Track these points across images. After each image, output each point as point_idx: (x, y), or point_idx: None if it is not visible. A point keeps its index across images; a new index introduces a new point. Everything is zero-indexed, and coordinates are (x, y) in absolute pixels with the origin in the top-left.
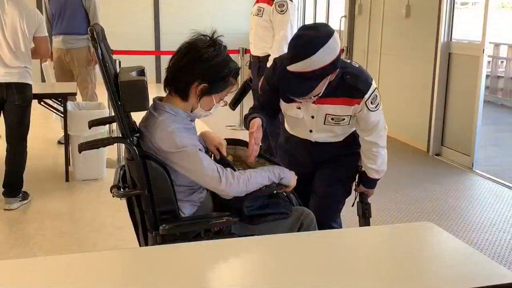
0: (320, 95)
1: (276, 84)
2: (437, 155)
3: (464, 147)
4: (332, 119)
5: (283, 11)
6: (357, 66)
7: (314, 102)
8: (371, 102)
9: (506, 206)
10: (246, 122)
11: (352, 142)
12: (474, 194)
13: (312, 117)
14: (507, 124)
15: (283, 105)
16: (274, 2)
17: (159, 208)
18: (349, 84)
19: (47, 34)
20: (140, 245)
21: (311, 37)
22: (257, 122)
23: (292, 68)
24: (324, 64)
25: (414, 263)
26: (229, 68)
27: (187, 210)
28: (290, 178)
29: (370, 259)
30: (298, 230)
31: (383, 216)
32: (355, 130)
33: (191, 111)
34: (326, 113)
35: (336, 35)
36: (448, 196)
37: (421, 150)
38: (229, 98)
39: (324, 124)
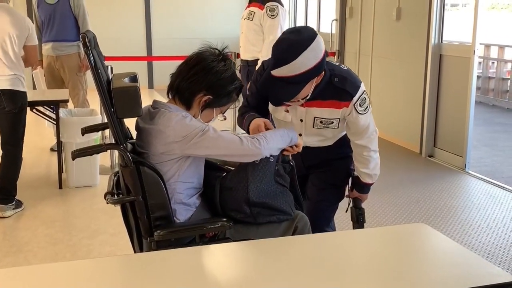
0: (307, 97)
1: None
2: (429, 156)
3: (456, 148)
4: (321, 122)
5: (273, 15)
6: (345, 68)
7: (302, 105)
8: (360, 105)
9: (499, 206)
10: (243, 120)
11: (344, 146)
12: (467, 195)
13: (301, 120)
14: (499, 124)
15: (271, 108)
16: (265, 6)
17: (153, 214)
18: (337, 86)
19: (37, 43)
20: (135, 252)
21: (293, 41)
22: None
23: (275, 72)
24: (308, 68)
25: (408, 264)
26: (235, 85)
27: (182, 215)
28: (297, 136)
29: (364, 261)
30: (293, 234)
31: (377, 218)
32: (347, 134)
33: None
34: (314, 116)
35: (319, 38)
36: (441, 197)
37: (413, 152)
38: None
39: (313, 127)
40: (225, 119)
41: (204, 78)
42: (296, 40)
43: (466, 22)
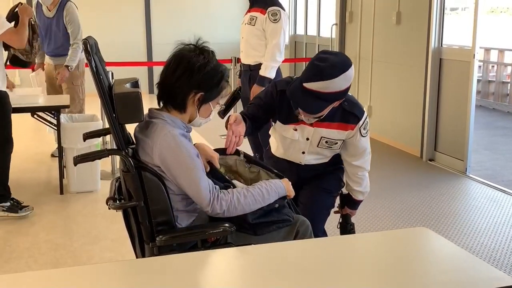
0: (321, 117)
1: (277, 103)
2: (430, 160)
3: (457, 151)
4: (326, 142)
5: (276, 19)
6: (351, 95)
7: (311, 125)
8: (364, 128)
9: (500, 209)
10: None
11: (336, 162)
12: (468, 199)
13: (307, 139)
14: (499, 128)
15: (279, 126)
16: (267, 11)
17: (155, 219)
18: (346, 110)
19: (7, 27)
20: (136, 257)
21: (335, 62)
22: (235, 115)
23: (309, 86)
24: (339, 90)
25: (411, 268)
26: (221, 73)
27: (184, 220)
28: (284, 187)
29: (366, 265)
30: (294, 238)
31: (378, 223)
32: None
33: (190, 121)
34: (321, 136)
35: (353, 67)
36: (442, 201)
37: (414, 156)
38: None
39: (318, 146)
40: (221, 108)
41: (189, 78)
42: (338, 62)
43: (466, 26)
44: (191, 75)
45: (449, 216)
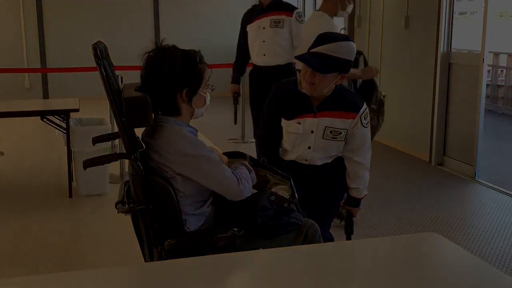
0: (323, 92)
1: (279, 104)
2: (439, 165)
3: (466, 156)
4: (331, 132)
5: (302, 20)
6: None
7: (314, 116)
8: (364, 118)
9: (510, 215)
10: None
11: (342, 168)
12: (477, 204)
13: (312, 132)
14: (509, 132)
15: (284, 124)
16: (294, 13)
17: (163, 223)
18: (346, 98)
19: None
20: (145, 261)
21: (338, 34)
22: None
23: (316, 49)
24: (344, 57)
25: (420, 274)
26: (192, 60)
27: (192, 224)
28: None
29: (375, 271)
30: (303, 241)
31: (387, 228)
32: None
33: (191, 117)
34: (325, 126)
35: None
36: (451, 206)
37: (423, 160)
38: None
39: (323, 138)
40: (213, 89)
41: (167, 81)
42: (340, 34)
43: (475, 30)
44: (166, 79)
45: (458, 221)
